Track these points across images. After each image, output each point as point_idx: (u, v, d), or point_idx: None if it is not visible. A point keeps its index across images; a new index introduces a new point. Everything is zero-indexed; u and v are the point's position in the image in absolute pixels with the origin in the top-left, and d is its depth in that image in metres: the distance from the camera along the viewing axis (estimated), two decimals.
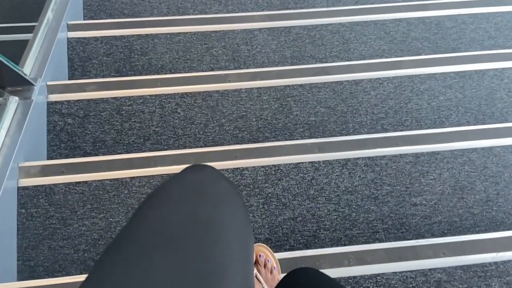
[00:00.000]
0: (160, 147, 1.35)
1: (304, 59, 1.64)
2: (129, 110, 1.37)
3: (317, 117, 1.41)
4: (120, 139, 1.34)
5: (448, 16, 1.71)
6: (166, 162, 1.18)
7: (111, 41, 1.60)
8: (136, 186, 1.15)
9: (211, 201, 0.49)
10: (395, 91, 1.45)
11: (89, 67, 1.57)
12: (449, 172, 1.21)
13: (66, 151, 1.32)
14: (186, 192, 0.49)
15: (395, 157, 1.21)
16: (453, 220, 1.18)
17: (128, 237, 0.44)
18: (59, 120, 1.34)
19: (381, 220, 1.16)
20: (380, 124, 1.41)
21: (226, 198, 0.50)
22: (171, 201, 0.48)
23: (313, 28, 1.68)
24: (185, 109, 1.39)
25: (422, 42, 1.68)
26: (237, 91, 1.42)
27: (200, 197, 0.49)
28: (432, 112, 1.43)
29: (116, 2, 1.81)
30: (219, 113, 1.40)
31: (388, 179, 1.20)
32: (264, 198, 1.17)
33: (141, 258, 0.40)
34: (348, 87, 1.45)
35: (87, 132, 1.34)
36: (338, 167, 1.20)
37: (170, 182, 0.51)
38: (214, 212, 0.47)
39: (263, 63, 1.63)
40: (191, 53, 1.61)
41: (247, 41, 1.65)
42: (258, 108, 1.41)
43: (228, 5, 1.85)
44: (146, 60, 1.59)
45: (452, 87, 1.46)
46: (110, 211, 1.12)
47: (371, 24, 1.69)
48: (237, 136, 1.38)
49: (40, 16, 1.51)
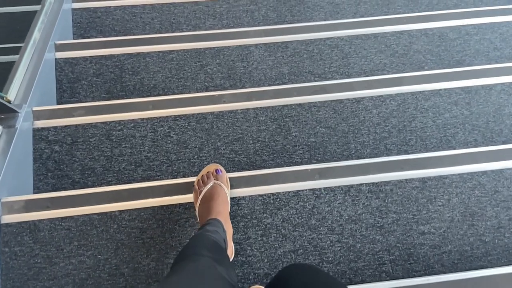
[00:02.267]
0: (153, 174, 1.28)
1: (302, 75, 1.58)
2: (119, 135, 1.31)
3: (317, 137, 1.35)
4: (110, 166, 1.28)
5: (451, 27, 1.65)
6: (158, 193, 1.11)
7: (101, 60, 1.53)
8: (126, 220, 1.08)
9: None
10: (398, 108, 1.38)
11: (78, 88, 1.50)
12: (458, 198, 1.14)
13: (53, 181, 1.25)
14: None
15: (400, 182, 1.15)
16: (464, 249, 1.11)
17: None
18: (45, 147, 1.27)
19: (388, 250, 1.09)
20: (384, 144, 1.34)
21: None
22: None
23: (311, 43, 1.61)
24: (178, 133, 1.33)
25: (425, 54, 1.61)
26: (232, 112, 1.36)
27: None
28: (437, 130, 1.36)
29: (106, 18, 1.75)
30: (214, 136, 1.33)
31: (393, 206, 1.13)
32: (262, 229, 1.10)
33: None
34: (349, 105, 1.38)
35: (75, 160, 1.27)
36: (340, 194, 1.13)
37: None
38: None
39: (260, 80, 1.57)
40: (184, 71, 1.55)
41: (242, 57, 1.58)
42: (255, 130, 1.35)
43: (223, 19, 1.79)
44: (138, 80, 1.53)
45: (458, 103, 1.39)
46: (99, 248, 1.05)
47: (371, 37, 1.63)
48: (234, 160, 1.32)
49: (26, 37, 1.44)
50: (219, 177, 1.08)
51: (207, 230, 0.86)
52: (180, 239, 1.08)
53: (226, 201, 1.04)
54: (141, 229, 1.08)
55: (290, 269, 0.74)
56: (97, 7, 1.76)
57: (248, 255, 1.07)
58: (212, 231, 0.86)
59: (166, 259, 1.06)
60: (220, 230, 0.89)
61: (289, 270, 0.74)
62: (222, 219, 0.96)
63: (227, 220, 1.01)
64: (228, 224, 1.00)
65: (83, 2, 1.76)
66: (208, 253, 0.74)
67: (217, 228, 0.89)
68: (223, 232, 0.90)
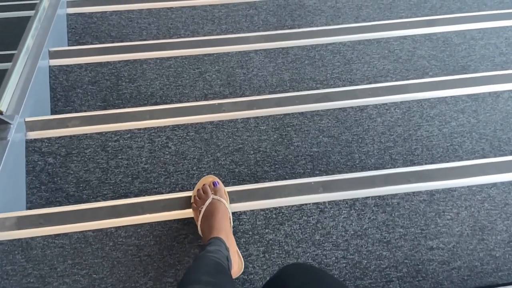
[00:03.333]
0: (150, 186, 1.24)
1: (303, 81, 1.54)
2: (115, 146, 1.26)
3: (319, 147, 1.30)
4: (106, 179, 1.23)
5: (456, 32, 1.61)
6: (155, 208, 1.06)
7: (97, 68, 1.49)
8: (122, 237, 1.03)
9: None
10: (403, 117, 1.34)
11: (73, 96, 1.46)
12: (467, 211, 1.10)
13: (47, 194, 1.21)
14: None
15: (407, 195, 1.10)
16: (474, 265, 1.07)
17: None
18: (39, 159, 1.23)
19: (395, 267, 1.05)
20: (388, 153, 1.30)
21: None
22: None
23: (313, 49, 1.57)
24: (176, 143, 1.28)
25: (429, 60, 1.58)
26: (232, 122, 1.31)
27: None
28: (444, 139, 1.32)
29: (102, 24, 1.70)
30: (214, 146, 1.29)
31: (401, 220, 1.09)
32: (264, 245, 1.06)
33: None
34: (353, 114, 1.34)
35: (70, 172, 1.23)
36: (345, 208, 1.09)
37: None
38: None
39: (260, 87, 1.52)
40: (183, 78, 1.51)
41: (242, 64, 1.54)
42: (256, 140, 1.30)
43: (222, 24, 1.75)
44: (135, 88, 1.48)
45: (464, 111, 1.35)
46: (94, 267, 1.01)
47: (374, 43, 1.59)
48: (234, 171, 1.27)
49: (19, 45, 1.40)
50: (216, 190, 1.04)
51: (208, 251, 0.82)
52: (178, 257, 1.03)
53: (227, 216, 1.00)
54: (138, 246, 1.03)
55: (287, 269, 0.73)
56: (93, 12, 1.72)
57: (249, 272, 1.03)
58: (213, 251, 0.82)
59: (164, 277, 1.01)
60: (222, 249, 0.85)
61: (286, 270, 0.72)
62: (224, 236, 0.92)
63: (229, 235, 0.96)
64: (231, 239, 0.96)
65: (78, 7, 1.71)
66: (209, 277, 0.71)
67: (218, 247, 0.85)
68: (226, 250, 0.86)
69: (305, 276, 0.68)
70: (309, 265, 0.72)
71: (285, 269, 0.73)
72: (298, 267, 0.73)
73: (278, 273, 0.73)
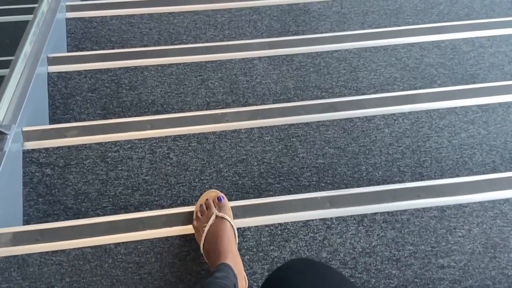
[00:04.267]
0: (151, 198, 1.20)
1: (308, 89, 1.50)
2: (115, 157, 1.22)
3: (325, 159, 1.27)
4: (105, 191, 1.19)
5: (465, 39, 1.57)
6: (156, 224, 1.03)
7: (96, 75, 1.45)
8: (121, 253, 1.00)
9: None
10: (412, 128, 1.30)
11: (72, 104, 1.42)
12: (479, 228, 1.07)
13: (45, 206, 1.17)
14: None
15: (417, 211, 1.07)
16: (485, 284, 1.03)
17: None
18: (36, 171, 1.19)
19: (405, 286, 1.01)
20: (396, 165, 1.27)
21: None
22: None
23: (318, 56, 1.54)
24: (178, 154, 1.24)
25: (437, 68, 1.54)
26: (236, 132, 1.28)
27: None
28: (453, 151, 1.28)
29: (102, 29, 1.67)
30: (217, 157, 1.25)
31: (410, 237, 1.05)
32: (269, 263, 1.02)
33: None
34: (360, 124, 1.30)
35: (68, 184, 1.19)
36: (353, 224, 1.05)
37: None
38: None
39: (264, 95, 1.49)
40: (184, 86, 1.47)
41: (246, 71, 1.50)
42: (260, 151, 1.27)
43: (225, 30, 1.71)
44: (135, 95, 1.45)
45: (474, 122, 1.31)
46: (92, 285, 0.97)
47: (380, 50, 1.55)
48: (237, 183, 1.24)
49: (16, 51, 1.36)
50: (221, 206, 1.00)
51: (216, 277, 0.79)
52: (180, 275, 0.99)
53: (232, 236, 0.96)
54: (138, 263, 1.00)
55: (290, 263, 0.72)
56: (93, 17, 1.68)
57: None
58: (221, 277, 0.79)
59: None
60: (230, 275, 0.81)
61: (289, 264, 0.72)
62: (231, 261, 0.88)
63: (236, 258, 0.92)
64: (238, 263, 0.92)
65: (78, 12, 1.68)
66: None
67: (226, 274, 0.81)
68: (234, 277, 0.83)
69: (309, 269, 0.67)
70: (312, 259, 0.73)
71: (287, 264, 0.72)
72: (301, 261, 0.72)
73: (280, 267, 0.72)
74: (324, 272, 0.67)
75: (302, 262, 0.72)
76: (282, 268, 0.71)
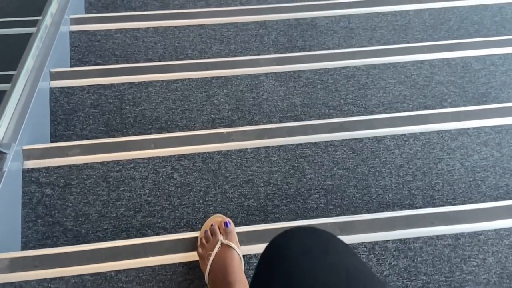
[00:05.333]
0: (153, 220, 1.16)
1: (316, 107, 1.47)
2: (117, 177, 1.19)
3: (334, 180, 1.23)
4: (107, 212, 1.16)
5: (476, 57, 1.54)
6: (158, 250, 0.99)
7: (100, 90, 1.42)
8: (122, 281, 0.96)
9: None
10: (423, 149, 1.26)
11: (74, 120, 1.39)
12: (494, 257, 1.02)
13: (44, 228, 1.13)
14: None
15: (431, 239, 1.03)
16: None
17: None
18: (36, 191, 1.16)
19: None
20: (407, 188, 1.23)
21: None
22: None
23: (326, 72, 1.50)
24: (182, 174, 1.21)
25: (448, 86, 1.50)
26: (242, 152, 1.24)
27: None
28: (466, 173, 1.24)
29: (107, 42, 1.64)
30: (222, 177, 1.21)
31: (424, 266, 1.01)
32: None
33: None
34: (369, 145, 1.26)
35: (68, 205, 1.15)
36: (364, 252, 1.01)
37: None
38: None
39: (270, 112, 1.45)
40: (189, 102, 1.44)
41: (252, 87, 1.47)
42: (266, 171, 1.23)
43: (231, 44, 1.68)
44: (139, 111, 1.41)
45: (487, 144, 1.28)
46: None
47: (390, 67, 1.52)
48: (243, 205, 1.20)
49: (18, 66, 1.33)
50: (227, 232, 0.96)
51: None
52: None
53: (240, 264, 0.92)
54: None
55: (290, 233, 0.64)
56: (97, 30, 1.65)
57: None
58: None
59: None
60: None
61: (289, 233, 0.64)
62: None
63: (246, 286, 0.88)
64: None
65: (82, 25, 1.65)
66: None
67: None
68: None
69: (310, 240, 0.61)
70: (315, 228, 0.64)
71: (287, 233, 0.65)
72: (302, 230, 0.66)
73: (280, 235, 0.65)
74: (327, 244, 0.61)
75: (303, 232, 0.64)
76: (281, 237, 0.64)
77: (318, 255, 0.57)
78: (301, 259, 0.56)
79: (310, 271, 0.54)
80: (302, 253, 0.58)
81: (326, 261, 0.56)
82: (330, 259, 0.57)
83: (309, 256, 0.57)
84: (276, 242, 0.63)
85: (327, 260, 0.57)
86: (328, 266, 0.55)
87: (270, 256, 0.62)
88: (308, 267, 0.55)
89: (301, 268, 0.55)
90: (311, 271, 0.54)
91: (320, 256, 0.57)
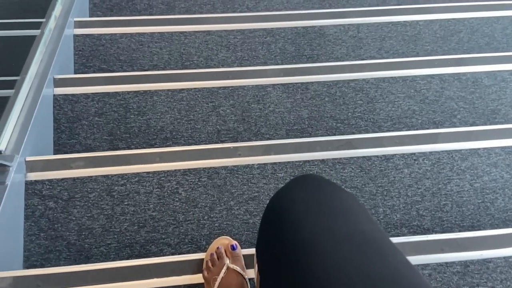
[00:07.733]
0: (157, 236, 1.15)
1: (323, 120, 1.44)
2: (121, 191, 1.17)
3: None
4: (110, 227, 1.14)
5: (486, 72, 1.52)
6: (163, 272, 0.97)
7: (104, 98, 1.40)
8: None
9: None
10: (432, 169, 1.25)
11: (78, 129, 1.37)
12: (502, 285, 1.01)
13: (46, 242, 1.12)
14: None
15: (440, 266, 1.01)
16: None
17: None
18: (39, 203, 1.14)
19: None
20: (415, 209, 1.21)
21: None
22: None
23: (334, 85, 1.48)
24: (187, 189, 1.19)
25: (458, 102, 1.48)
26: (248, 167, 1.22)
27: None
28: (475, 195, 1.23)
29: (111, 47, 1.61)
30: (227, 193, 1.20)
31: None
32: None
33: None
34: (378, 163, 1.25)
35: (72, 218, 1.14)
36: None
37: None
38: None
39: (277, 124, 1.43)
40: (195, 112, 1.42)
41: (259, 99, 1.45)
42: (273, 188, 1.21)
43: (237, 51, 1.66)
44: (144, 121, 1.39)
45: (497, 165, 1.26)
46: None
47: (399, 81, 1.49)
48: (248, 222, 1.18)
49: (21, 73, 1.30)
50: (234, 256, 0.95)
51: None
52: None
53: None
54: None
55: (289, 190, 0.58)
56: (102, 34, 1.62)
57: None
58: None
59: None
60: None
61: (288, 190, 0.58)
62: None
63: None
64: None
65: (87, 28, 1.62)
66: None
67: None
68: None
69: (314, 198, 0.55)
70: (319, 181, 0.58)
71: (290, 186, 0.59)
72: (306, 186, 0.58)
73: (283, 189, 0.59)
74: (333, 201, 0.55)
75: (306, 188, 0.57)
76: (284, 192, 0.58)
77: (320, 217, 0.52)
78: (302, 221, 0.52)
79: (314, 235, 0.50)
80: (305, 213, 0.53)
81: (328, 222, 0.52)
82: (334, 221, 0.52)
83: (311, 217, 0.52)
84: (281, 194, 0.57)
85: (329, 221, 0.52)
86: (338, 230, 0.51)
87: (271, 218, 0.56)
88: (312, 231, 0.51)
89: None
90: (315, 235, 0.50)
91: (322, 218, 0.52)
